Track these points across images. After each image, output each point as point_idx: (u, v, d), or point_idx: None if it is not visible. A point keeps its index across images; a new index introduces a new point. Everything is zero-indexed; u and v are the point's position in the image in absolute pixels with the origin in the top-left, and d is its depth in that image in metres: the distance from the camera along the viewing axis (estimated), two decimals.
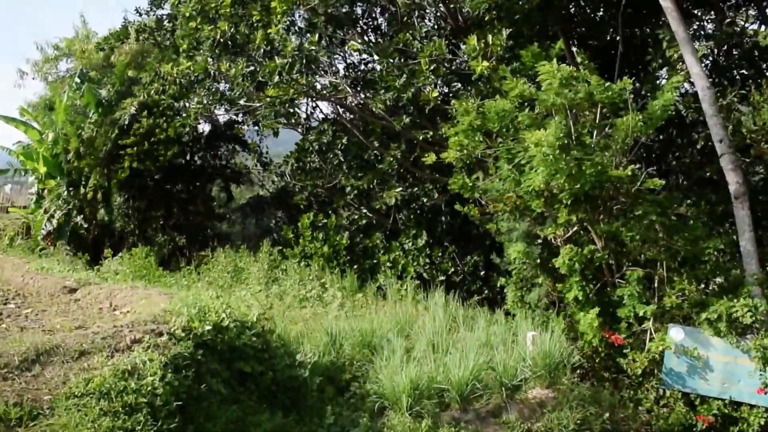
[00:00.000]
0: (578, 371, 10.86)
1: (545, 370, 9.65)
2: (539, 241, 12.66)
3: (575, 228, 12.40)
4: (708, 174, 16.69)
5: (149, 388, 6.88)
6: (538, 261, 12.50)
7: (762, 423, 10.81)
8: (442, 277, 18.07)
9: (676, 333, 11.43)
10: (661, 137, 17.54)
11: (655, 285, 12.00)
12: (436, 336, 10.66)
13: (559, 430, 8.96)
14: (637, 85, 15.95)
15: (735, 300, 10.99)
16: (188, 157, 24.89)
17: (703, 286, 11.64)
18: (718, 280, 11.81)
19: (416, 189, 19.42)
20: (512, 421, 8.89)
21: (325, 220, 18.79)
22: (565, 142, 11.02)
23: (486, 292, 18.12)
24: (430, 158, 13.13)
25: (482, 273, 18.98)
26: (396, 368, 9.04)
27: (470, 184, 12.65)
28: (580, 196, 11.76)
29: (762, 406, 10.96)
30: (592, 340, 11.62)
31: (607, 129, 11.86)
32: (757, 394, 10.83)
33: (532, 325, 11.19)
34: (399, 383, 8.68)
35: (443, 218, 19.89)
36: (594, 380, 11.05)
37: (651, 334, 11.69)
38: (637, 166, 11.79)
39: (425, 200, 19.39)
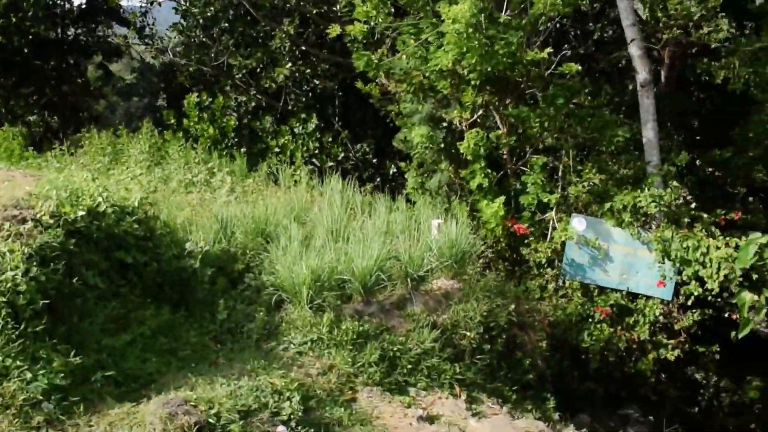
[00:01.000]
0: (481, 261, 10.46)
1: (451, 259, 9.13)
2: (443, 125, 11.97)
3: (481, 112, 11.77)
4: (602, 67, 16.44)
5: (9, 285, 5.80)
6: (442, 145, 11.85)
7: (656, 314, 10.87)
8: (332, 164, 17.23)
9: (578, 223, 11.19)
10: (557, 26, 16.98)
11: (560, 174, 11.66)
12: (335, 224, 9.89)
13: (465, 323, 8.53)
14: None
15: (639, 191, 10.78)
16: (61, 32, 22.37)
17: (606, 176, 11.36)
18: (623, 171, 11.56)
19: (308, 70, 18.17)
20: (417, 314, 8.37)
21: (212, 100, 17.37)
22: (480, 18, 10.18)
23: (378, 180, 17.44)
24: (334, 30, 12.01)
25: (375, 160, 18.28)
26: (294, 258, 8.25)
27: (375, 62, 11.68)
28: (490, 78, 11.08)
29: (657, 298, 11.00)
30: (495, 229, 11.24)
31: (521, 5, 11.09)
32: (657, 286, 10.83)
33: (435, 213, 10.63)
34: (298, 274, 7.92)
35: (336, 101, 18.87)
36: (497, 270, 10.72)
37: (554, 223, 11.42)
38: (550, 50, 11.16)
39: (317, 82, 18.22)
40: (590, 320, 11.01)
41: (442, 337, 8.31)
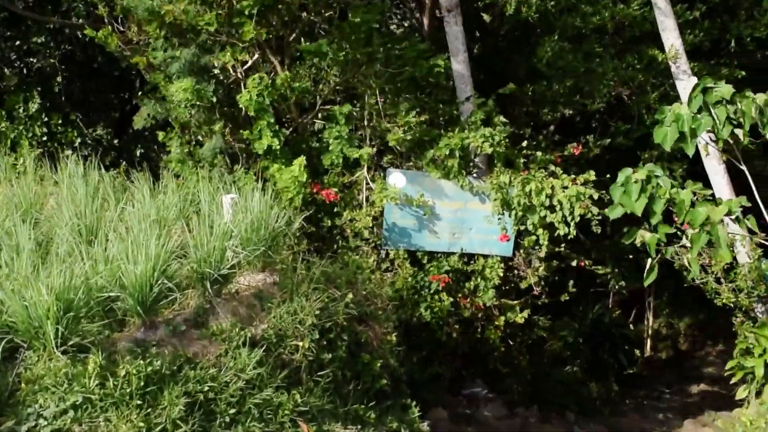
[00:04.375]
0: (287, 242, 8.05)
1: (258, 246, 6.64)
2: (213, 73, 9.28)
3: (261, 52, 9.26)
4: None
5: None
6: (214, 100, 9.15)
7: (501, 275, 9.21)
8: (69, 151, 13.70)
9: (396, 179, 9.19)
10: None
11: (366, 123, 9.52)
12: (83, 218, 6.97)
13: (294, 330, 6.15)
14: None
15: (466, 131, 8.99)
16: None
17: (427, 118, 9.43)
18: (444, 110, 9.71)
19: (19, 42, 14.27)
20: (226, 330, 5.82)
21: None
22: None
23: (123, 162, 14.19)
24: None
25: (116, 140, 15.01)
26: (27, 277, 5.29)
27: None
28: (269, 5, 8.61)
29: (496, 256, 9.35)
30: (295, 198, 8.84)
31: None
32: (500, 241, 9.14)
33: (220, 188, 8.02)
34: (36, 301, 5.00)
35: (60, 76, 15.13)
36: (315, 252, 8.35)
37: (368, 183, 9.30)
38: None
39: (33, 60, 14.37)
40: (427, 292, 9.09)
41: (268, 357, 5.86)
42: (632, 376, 14.52)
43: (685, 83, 9.50)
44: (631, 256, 14.13)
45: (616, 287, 14.42)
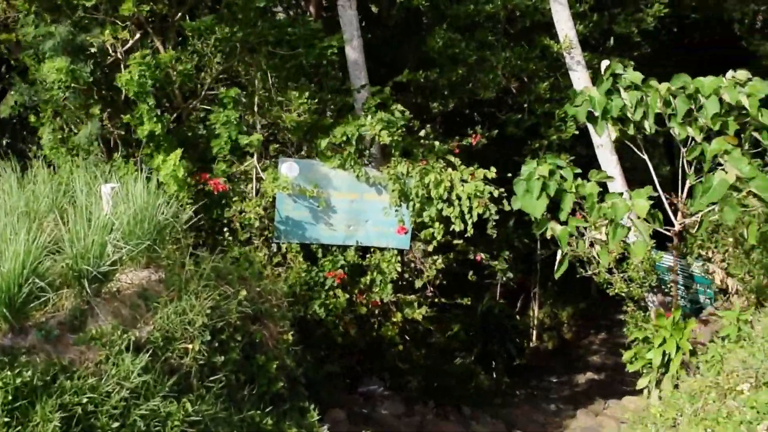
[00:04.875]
0: (174, 236, 7.45)
1: (142, 240, 6.05)
2: (90, 52, 8.51)
3: (143, 32, 8.57)
4: None
5: None
6: (91, 81, 8.39)
7: (398, 269, 8.93)
8: None
9: (289, 168, 8.75)
10: None
11: (256, 108, 9.01)
12: None
13: (182, 331, 5.61)
14: None
15: (363, 118, 8.67)
16: None
17: (321, 105, 9.02)
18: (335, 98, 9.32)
19: None
20: (107, 333, 5.23)
21: None
22: None
23: None
24: None
25: None
26: None
27: None
28: None
29: (393, 250, 9.07)
30: (178, 191, 8.20)
31: None
32: (397, 234, 8.86)
33: (99, 177, 7.32)
34: None
35: None
36: (204, 246, 7.75)
37: (258, 173, 8.80)
38: None
39: None
40: (322, 288, 8.69)
41: (155, 362, 5.32)
42: (521, 367, 14.66)
43: (579, 74, 9.56)
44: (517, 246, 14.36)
45: (503, 279, 14.51)
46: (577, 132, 11.85)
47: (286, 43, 8.69)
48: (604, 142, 9.42)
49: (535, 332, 17.98)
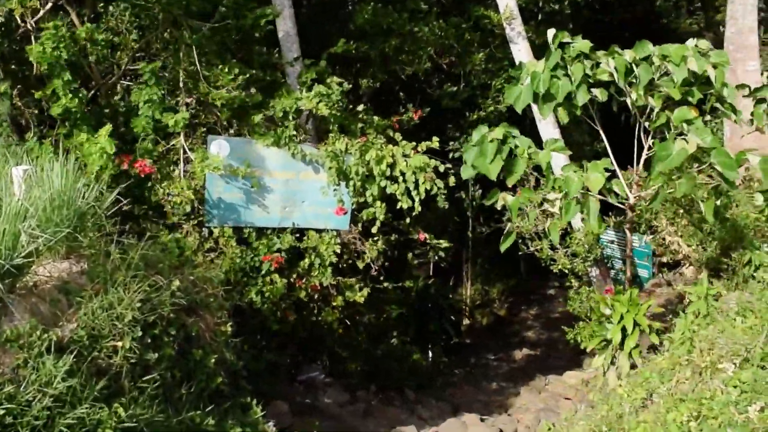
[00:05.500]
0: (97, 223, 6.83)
1: (61, 228, 5.44)
2: None
3: (55, 1, 7.83)
4: None
5: None
6: None
7: (337, 251, 8.50)
8: None
9: (218, 147, 8.20)
10: None
11: (182, 85, 8.39)
12: None
13: (110, 328, 5.06)
14: None
15: (298, 92, 8.18)
16: None
17: (252, 79, 8.46)
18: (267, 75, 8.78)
19: None
20: (24, 333, 4.64)
21: None
22: None
23: None
24: None
25: None
26: None
27: None
28: None
29: (332, 231, 8.64)
30: (101, 172, 7.56)
31: None
32: (336, 215, 8.43)
33: (9, 159, 6.61)
34: None
35: None
36: (131, 234, 7.13)
37: (185, 153, 8.21)
38: None
39: None
40: (258, 275, 8.20)
41: (81, 364, 4.77)
42: (458, 345, 14.52)
43: (520, 45, 9.29)
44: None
45: (436, 257, 14.31)
46: None
47: (214, 14, 8.08)
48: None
49: (468, 310, 17.91)
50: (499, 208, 6.32)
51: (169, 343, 5.52)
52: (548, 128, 9.24)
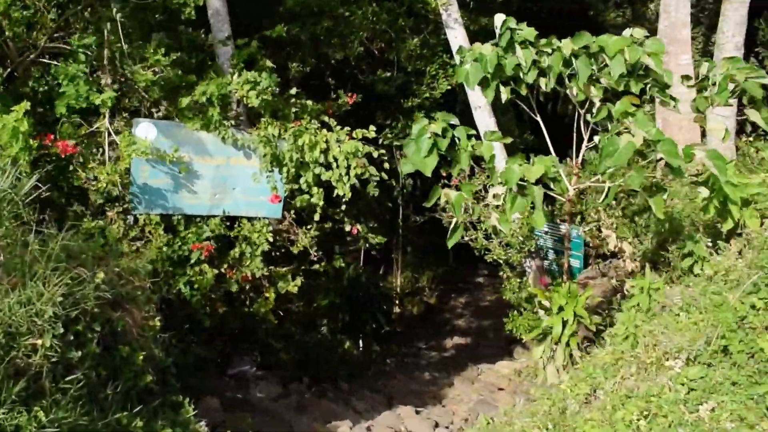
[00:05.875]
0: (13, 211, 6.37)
1: None
2: None
3: None
4: None
5: None
6: None
7: (270, 240, 8.21)
8: None
9: (145, 130, 7.79)
10: None
11: (107, 63, 7.92)
12: None
13: (29, 325, 4.68)
14: None
15: (227, 77, 7.84)
16: None
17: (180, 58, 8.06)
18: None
19: None
20: None
21: None
22: None
23: None
24: None
25: None
26: None
27: None
28: None
29: (264, 219, 8.35)
30: (19, 153, 7.06)
31: None
32: (270, 202, 8.14)
33: None
34: None
35: None
36: (51, 222, 6.67)
37: (110, 135, 7.77)
38: None
39: None
40: (185, 264, 7.85)
41: None
42: (389, 334, 14.41)
43: (457, 31, 9.16)
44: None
45: (367, 245, 14.15)
46: (449, 87, 11.56)
47: None
48: (482, 103, 9.12)
49: (398, 298, 17.84)
50: (442, 204, 6.16)
51: (93, 340, 5.17)
52: (484, 116, 9.16)
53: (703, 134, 9.77)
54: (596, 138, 6.33)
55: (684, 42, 10.08)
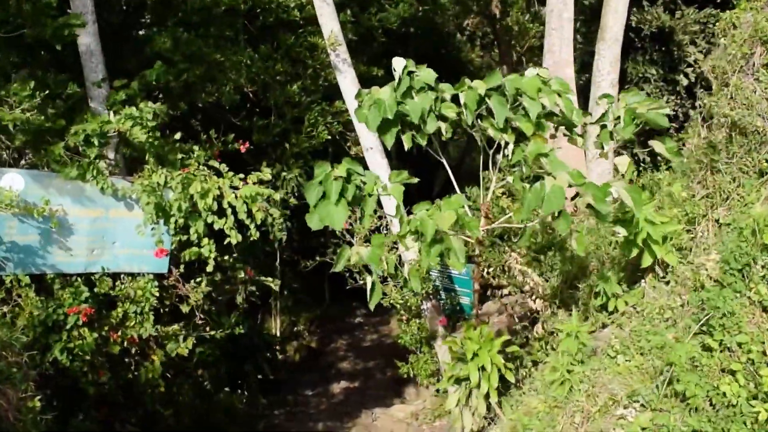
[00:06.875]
0: None
1: None
2: None
3: None
4: None
5: None
6: None
7: (155, 296, 7.55)
8: None
9: (11, 181, 7.00)
10: None
11: None
12: None
13: None
14: None
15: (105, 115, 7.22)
16: None
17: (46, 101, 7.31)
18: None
19: None
20: None
21: None
22: None
23: None
24: None
25: None
26: None
27: None
28: None
29: (149, 274, 7.69)
30: None
31: None
32: (155, 257, 7.50)
33: None
34: None
35: None
36: None
37: None
38: None
39: None
40: (61, 329, 7.06)
41: None
42: (275, 383, 13.76)
43: (346, 74, 8.93)
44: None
45: (246, 292, 13.53)
46: (329, 137, 11.25)
47: (12, 17, 6.89)
48: (374, 144, 8.90)
49: (278, 344, 17.19)
50: (353, 263, 5.79)
51: None
52: (375, 157, 8.94)
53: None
54: (509, 178, 6.20)
55: (569, 80, 10.32)
